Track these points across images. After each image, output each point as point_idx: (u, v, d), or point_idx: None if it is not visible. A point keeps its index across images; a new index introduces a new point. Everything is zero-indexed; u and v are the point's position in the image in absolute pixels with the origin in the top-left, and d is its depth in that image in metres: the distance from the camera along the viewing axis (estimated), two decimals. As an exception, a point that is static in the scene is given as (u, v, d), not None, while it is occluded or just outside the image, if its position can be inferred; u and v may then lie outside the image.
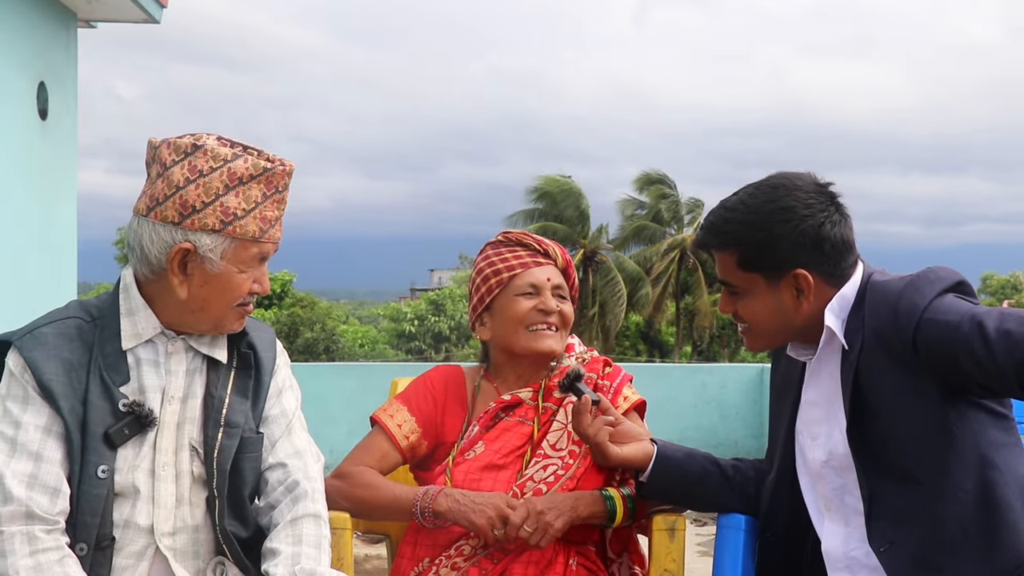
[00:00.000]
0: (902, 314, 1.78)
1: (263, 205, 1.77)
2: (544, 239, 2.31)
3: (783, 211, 1.87)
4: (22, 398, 1.71)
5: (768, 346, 2.03)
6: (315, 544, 1.80)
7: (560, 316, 2.23)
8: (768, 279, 1.89)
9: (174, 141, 1.77)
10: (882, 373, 1.81)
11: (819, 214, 1.87)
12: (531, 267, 2.24)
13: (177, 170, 1.74)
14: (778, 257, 1.87)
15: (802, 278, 1.87)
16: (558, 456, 2.16)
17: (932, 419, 1.79)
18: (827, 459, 1.93)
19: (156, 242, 1.74)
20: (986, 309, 1.74)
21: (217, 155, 1.74)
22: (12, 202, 5.14)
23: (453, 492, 2.08)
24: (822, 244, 1.86)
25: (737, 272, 1.92)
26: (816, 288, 1.88)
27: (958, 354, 1.71)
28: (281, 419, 1.92)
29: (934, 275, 1.82)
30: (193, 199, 1.73)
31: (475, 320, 2.30)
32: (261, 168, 1.76)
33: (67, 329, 1.77)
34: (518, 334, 2.21)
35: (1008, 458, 1.81)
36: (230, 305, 1.80)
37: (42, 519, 1.65)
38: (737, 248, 1.90)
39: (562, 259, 2.30)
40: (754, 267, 1.90)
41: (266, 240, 1.79)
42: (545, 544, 2.04)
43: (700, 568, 4.04)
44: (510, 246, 2.29)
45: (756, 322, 1.94)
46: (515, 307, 2.21)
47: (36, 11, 5.31)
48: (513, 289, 2.23)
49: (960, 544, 1.77)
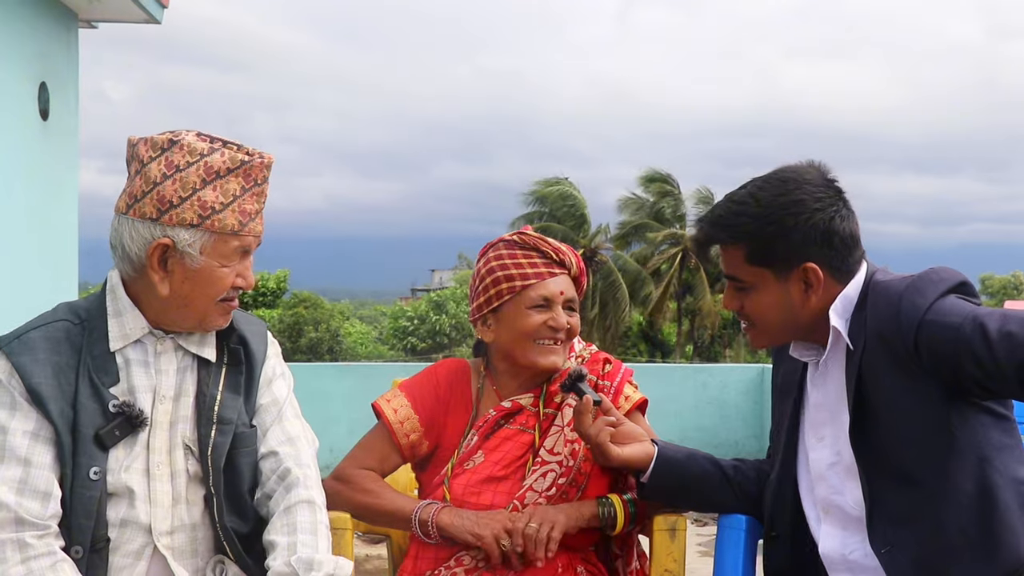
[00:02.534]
0: (904, 315, 1.77)
1: (241, 198, 1.76)
2: (561, 247, 2.24)
3: (794, 204, 1.85)
4: (9, 404, 1.70)
5: (772, 342, 2.01)
6: (311, 531, 1.79)
7: (568, 330, 2.19)
8: (777, 273, 1.88)
9: (151, 138, 1.77)
10: (884, 374, 1.80)
11: (829, 208, 1.86)
12: (546, 278, 2.18)
13: (154, 166, 1.73)
14: (788, 251, 1.86)
15: (811, 272, 1.86)
16: (555, 460, 2.15)
17: (933, 421, 1.78)
18: (835, 461, 1.92)
19: (136, 239, 1.74)
20: (988, 310, 1.74)
21: (194, 150, 1.74)
22: (12, 202, 5.14)
23: (457, 509, 2.07)
24: (831, 238, 1.86)
25: (745, 267, 1.90)
26: (824, 283, 1.87)
27: (960, 356, 1.71)
28: (272, 407, 1.91)
29: (936, 276, 1.81)
30: (170, 194, 1.72)
31: (478, 318, 2.24)
32: (238, 161, 1.76)
33: (55, 332, 1.76)
34: (524, 347, 2.17)
35: (1009, 460, 1.81)
36: (213, 300, 1.79)
37: (33, 524, 1.64)
38: (747, 242, 1.88)
39: (576, 267, 2.23)
40: (763, 261, 1.88)
41: (246, 233, 1.78)
42: (557, 534, 2.02)
43: (700, 568, 4.04)
44: (526, 251, 2.21)
45: (762, 317, 1.93)
46: (525, 320, 2.16)
47: (37, 11, 5.31)
48: (525, 300, 2.17)
49: (961, 546, 1.76)
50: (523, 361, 2.19)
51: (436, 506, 2.08)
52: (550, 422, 2.19)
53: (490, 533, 2.01)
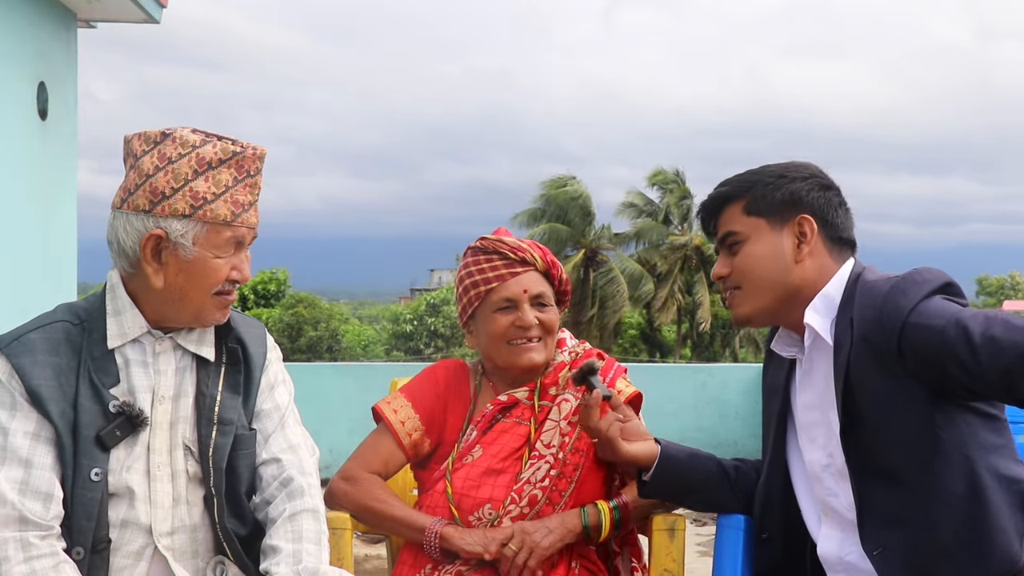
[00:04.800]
0: (887, 317, 1.77)
1: (234, 189, 1.76)
2: (521, 244, 2.23)
3: (800, 167, 1.96)
4: (10, 405, 1.70)
5: (753, 309, 1.95)
6: (315, 541, 1.79)
7: (541, 326, 2.19)
8: (772, 223, 1.92)
9: (145, 132, 1.77)
10: (869, 375, 1.80)
11: (831, 185, 1.95)
12: (507, 279, 2.19)
13: (147, 159, 1.74)
14: (786, 200, 1.91)
15: (807, 223, 1.90)
16: (550, 454, 2.15)
17: (918, 422, 1.77)
18: (827, 463, 1.92)
19: (130, 232, 1.74)
20: (972, 312, 1.72)
21: (186, 142, 1.74)
22: (12, 202, 5.13)
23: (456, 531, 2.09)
24: (829, 202, 1.93)
25: (742, 218, 1.94)
26: (815, 245, 1.91)
27: (943, 359, 1.70)
28: (274, 413, 1.91)
29: (920, 277, 1.80)
30: (162, 185, 1.72)
31: (463, 326, 2.30)
32: (230, 152, 1.76)
33: (55, 333, 1.76)
34: (499, 350, 2.20)
35: (998, 460, 1.79)
36: (208, 292, 1.78)
37: (36, 524, 1.64)
38: (747, 192, 1.94)
39: (542, 262, 2.23)
40: (760, 210, 1.93)
41: (239, 224, 1.77)
42: (534, 564, 2.04)
43: (700, 568, 4.04)
44: (487, 255, 2.22)
45: (751, 272, 1.93)
46: (493, 324, 2.19)
47: (36, 11, 5.30)
48: (490, 305, 2.20)
49: (952, 547, 1.76)
50: (502, 364, 2.22)
51: (440, 525, 2.10)
52: (545, 415, 2.20)
53: (495, 547, 2.04)
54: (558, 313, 2.26)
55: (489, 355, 2.24)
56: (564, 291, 2.28)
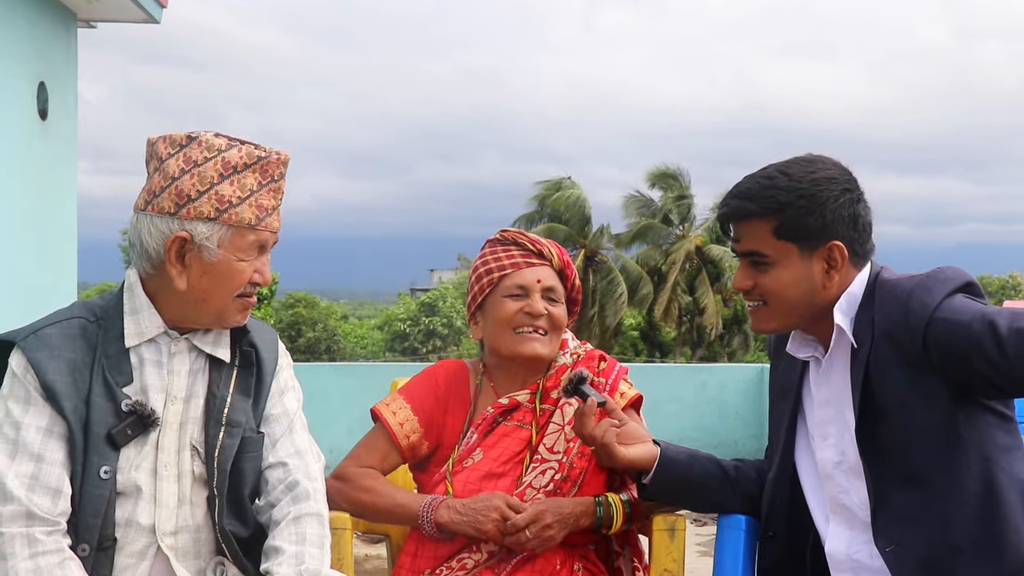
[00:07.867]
0: (912, 313, 1.78)
1: (258, 193, 1.77)
2: (540, 239, 2.27)
3: (826, 181, 1.86)
4: (24, 399, 1.71)
5: (780, 324, 1.96)
6: (318, 544, 1.80)
7: (549, 319, 2.19)
8: (802, 249, 1.87)
9: (170, 135, 1.78)
10: (891, 373, 1.81)
11: (856, 190, 1.90)
12: (522, 268, 2.21)
13: (172, 162, 1.75)
14: (818, 227, 1.85)
15: (837, 250, 1.86)
16: (555, 459, 2.15)
17: (940, 420, 1.78)
18: (840, 460, 1.92)
19: (154, 234, 1.75)
20: (996, 309, 1.74)
21: (212, 146, 1.75)
22: (12, 202, 5.14)
23: (454, 503, 2.07)
24: (857, 220, 1.88)
25: (771, 240, 1.88)
26: (846, 264, 1.88)
27: (970, 353, 1.71)
28: (283, 418, 1.91)
29: (943, 275, 1.82)
30: (188, 188, 1.73)
31: (470, 318, 2.29)
32: (255, 157, 1.77)
33: (71, 329, 1.76)
34: (504, 336, 2.19)
35: (1013, 460, 1.81)
36: (231, 295, 1.80)
37: (43, 520, 1.64)
38: (778, 215, 1.86)
39: (558, 260, 2.25)
40: (791, 236, 1.86)
41: (263, 228, 1.79)
42: (541, 550, 2.04)
43: (700, 568, 4.04)
44: (505, 245, 2.26)
45: (779, 296, 1.90)
46: (502, 308, 2.19)
47: (36, 11, 5.30)
48: (502, 290, 2.20)
49: (965, 546, 1.77)
50: (505, 352, 2.21)
51: (436, 501, 2.09)
52: (547, 418, 2.20)
53: (493, 527, 2.02)
54: (567, 314, 2.26)
55: (493, 344, 2.23)
56: (574, 298, 2.28)
